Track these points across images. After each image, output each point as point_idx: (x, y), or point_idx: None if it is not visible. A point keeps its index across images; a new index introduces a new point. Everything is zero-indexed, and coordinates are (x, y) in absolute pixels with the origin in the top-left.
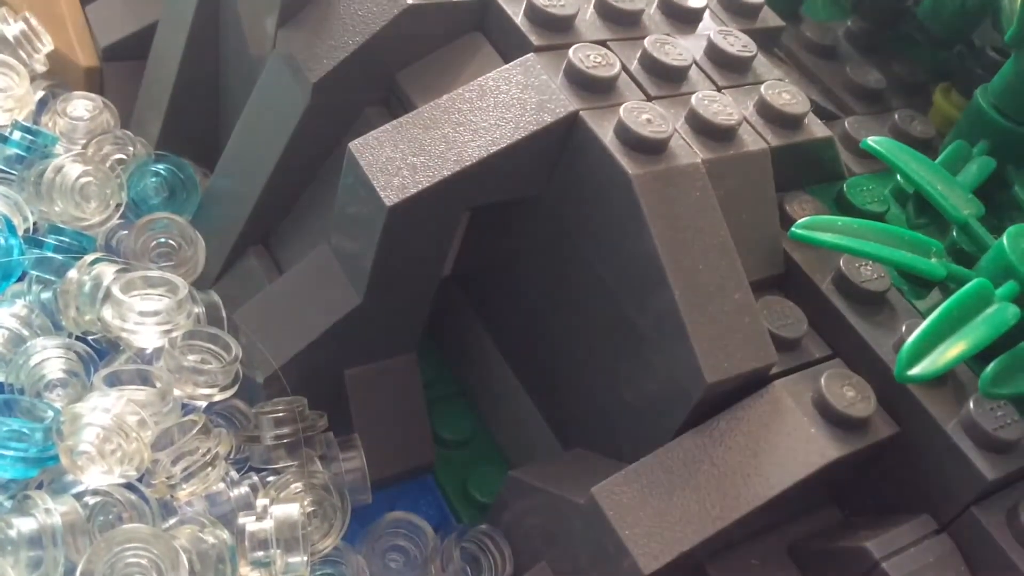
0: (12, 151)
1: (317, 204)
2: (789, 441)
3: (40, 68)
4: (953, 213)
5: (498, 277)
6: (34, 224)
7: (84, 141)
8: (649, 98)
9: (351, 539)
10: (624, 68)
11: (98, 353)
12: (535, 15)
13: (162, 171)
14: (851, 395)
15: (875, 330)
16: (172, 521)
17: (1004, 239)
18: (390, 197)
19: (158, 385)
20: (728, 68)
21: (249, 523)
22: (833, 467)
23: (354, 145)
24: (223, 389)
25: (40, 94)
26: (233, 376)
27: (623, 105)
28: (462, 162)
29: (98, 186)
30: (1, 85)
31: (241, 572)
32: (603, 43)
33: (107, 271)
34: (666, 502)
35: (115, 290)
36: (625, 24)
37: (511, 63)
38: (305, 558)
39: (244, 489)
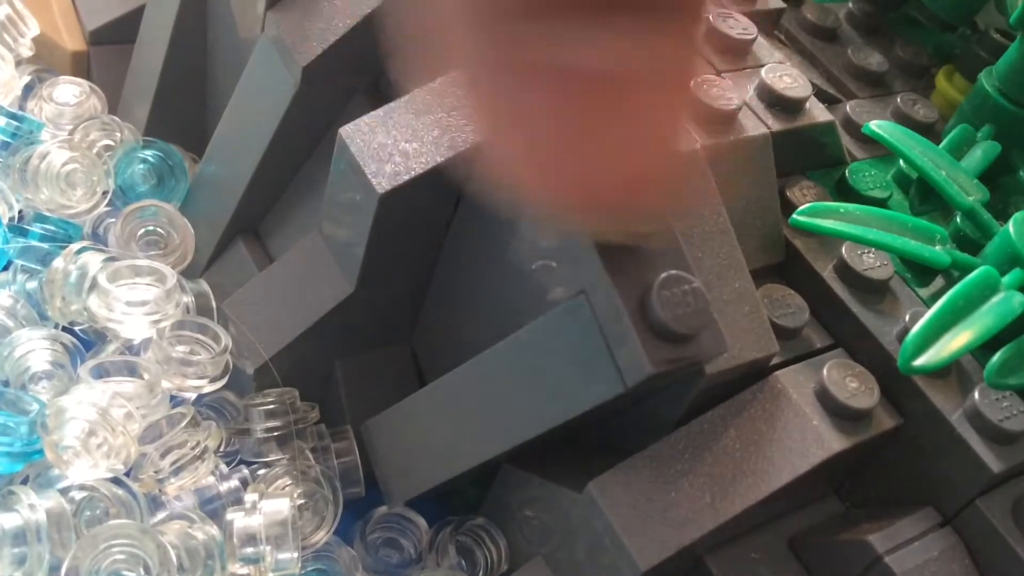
0: None
1: (308, 191)
2: (790, 433)
3: (26, 52)
4: (958, 199)
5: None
6: (19, 212)
7: (70, 127)
8: None
9: (343, 533)
10: None
11: (85, 344)
12: None
13: (150, 157)
14: (854, 386)
15: (878, 319)
16: (161, 516)
17: (1010, 225)
18: (382, 184)
19: (146, 377)
20: (727, 51)
21: (237, 519)
22: (835, 460)
23: (345, 131)
24: (213, 380)
25: (25, 79)
26: (223, 367)
27: None
28: (456, 147)
29: (84, 173)
30: None
31: (231, 570)
32: None
33: (93, 260)
34: (664, 496)
35: (102, 279)
36: None
37: None
38: (296, 554)
39: (234, 483)
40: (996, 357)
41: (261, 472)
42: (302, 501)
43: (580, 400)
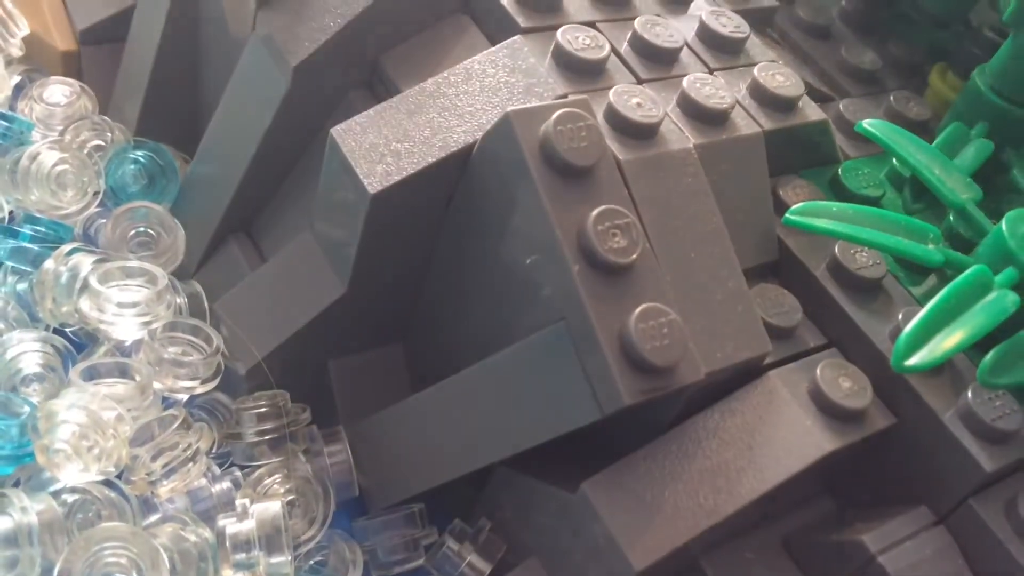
0: None
1: (300, 191)
2: (784, 433)
3: (16, 52)
4: (951, 197)
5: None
6: (10, 213)
7: (61, 127)
8: (640, 81)
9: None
10: (614, 50)
11: (76, 346)
12: None
13: (141, 158)
14: (847, 385)
15: (871, 318)
16: (153, 518)
17: (1003, 224)
18: (373, 185)
19: (137, 378)
20: (720, 50)
21: (229, 524)
22: (829, 459)
23: (336, 131)
24: (204, 382)
25: (16, 79)
26: (215, 368)
27: (613, 89)
28: (448, 148)
29: (75, 174)
30: None
31: (224, 575)
32: (592, 24)
33: (84, 261)
34: (659, 496)
35: (93, 281)
36: (615, 5)
37: (498, 45)
38: (289, 557)
39: (226, 484)
40: (989, 356)
41: (252, 475)
42: (292, 497)
43: (559, 423)
